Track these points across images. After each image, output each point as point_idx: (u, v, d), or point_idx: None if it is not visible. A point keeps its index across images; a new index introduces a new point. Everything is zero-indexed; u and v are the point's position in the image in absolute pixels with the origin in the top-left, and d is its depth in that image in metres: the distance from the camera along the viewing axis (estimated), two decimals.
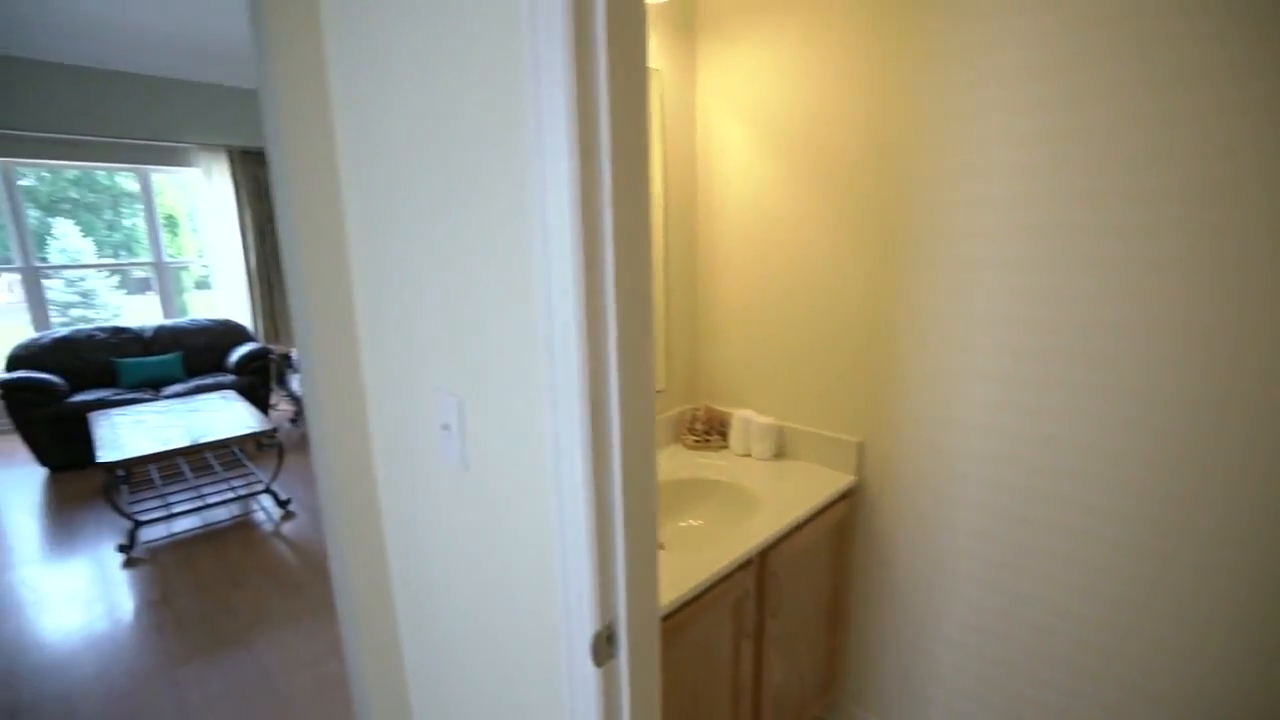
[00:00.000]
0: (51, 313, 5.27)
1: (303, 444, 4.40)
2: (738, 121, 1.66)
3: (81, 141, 5.06)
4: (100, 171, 5.48)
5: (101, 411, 3.67)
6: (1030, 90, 1.18)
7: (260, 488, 3.38)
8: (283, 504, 3.34)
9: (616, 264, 0.66)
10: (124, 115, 5.23)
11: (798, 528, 1.39)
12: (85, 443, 3.75)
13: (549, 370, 0.71)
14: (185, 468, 3.68)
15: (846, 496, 1.57)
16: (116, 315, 5.95)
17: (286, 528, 3.20)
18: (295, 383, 4.41)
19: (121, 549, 2.91)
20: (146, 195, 5.51)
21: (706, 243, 1.80)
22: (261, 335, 5.85)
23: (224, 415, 3.50)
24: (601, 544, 0.73)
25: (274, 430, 3.25)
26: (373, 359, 1.13)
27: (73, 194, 5.93)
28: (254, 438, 3.18)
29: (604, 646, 0.76)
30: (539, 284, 0.70)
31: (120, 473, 2.83)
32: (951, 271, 1.35)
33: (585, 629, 0.76)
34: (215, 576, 2.76)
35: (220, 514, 3.33)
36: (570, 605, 0.77)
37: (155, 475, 3.61)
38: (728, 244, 1.76)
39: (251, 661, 2.19)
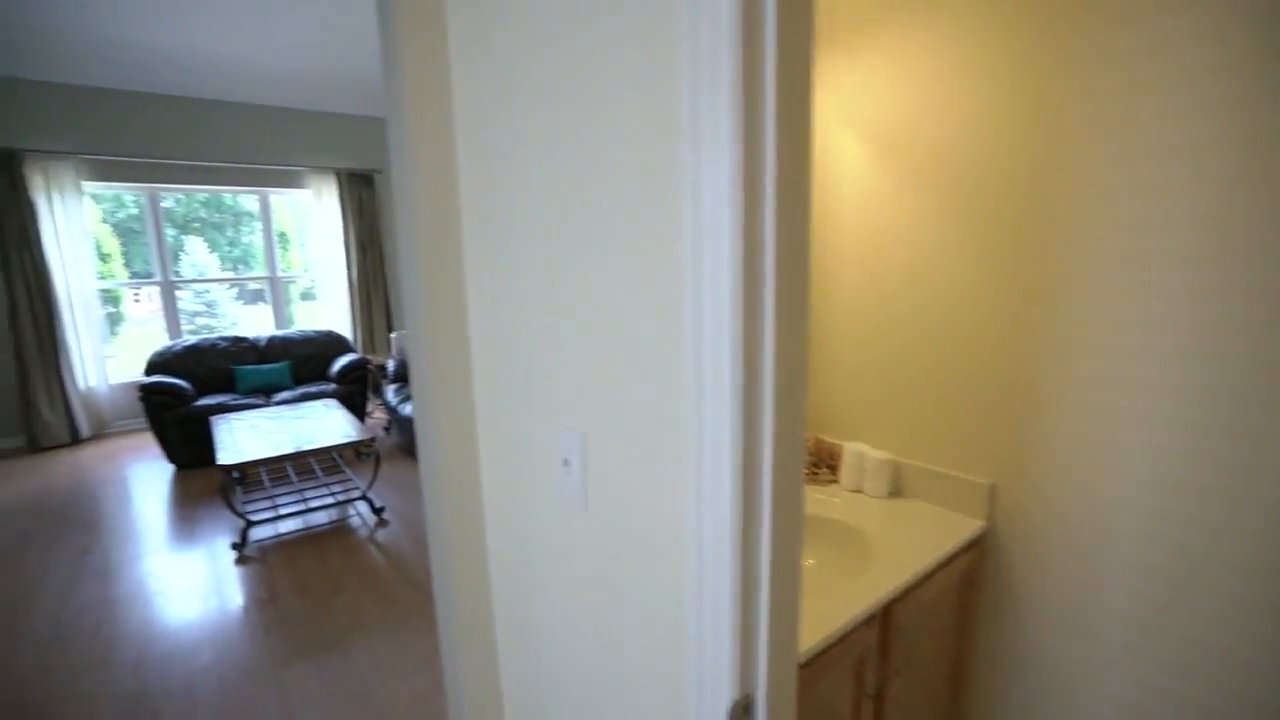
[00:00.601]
0: (180, 320, 5.78)
1: (396, 452, 4.58)
2: (854, 136, 1.57)
3: (212, 167, 5.54)
4: (226, 194, 5.97)
5: (221, 415, 3.96)
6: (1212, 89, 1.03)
7: (357, 494, 3.53)
8: (377, 511, 3.46)
9: (777, 300, 0.60)
10: (248, 143, 5.69)
11: (926, 578, 1.26)
12: (207, 443, 4.05)
13: (695, 409, 0.66)
14: (291, 471, 3.89)
15: (974, 545, 1.43)
16: (234, 324, 6.46)
17: (380, 535, 3.31)
18: (390, 392, 4.61)
19: (234, 547, 3.10)
20: (265, 215, 5.96)
21: (817, 264, 1.71)
22: (360, 346, 6.17)
23: (326, 423, 3.68)
24: (746, 603, 0.66)
25: (372, 439, 3.38)
26: (486, 387, 1.12)
27: (202, 214, 6.49)
28: (354, 446, 3.32)
29: (740, 718, 0.69)
30: (688, 318, 0.65)
31: (235, 475, 3.01)
32: (1111, 330, 1.21)
33: (721, 698, 0.69)
34: (316, 579, 2.88)
35: (320, 517, 3.50)
36: (704, 670, 0.70)
37: (265, 477, 3.84)
38: (840, 266, 1.66)
39: (349, 668, 2.25)
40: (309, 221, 6.09)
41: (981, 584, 1.49)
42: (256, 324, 6.22)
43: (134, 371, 5.16)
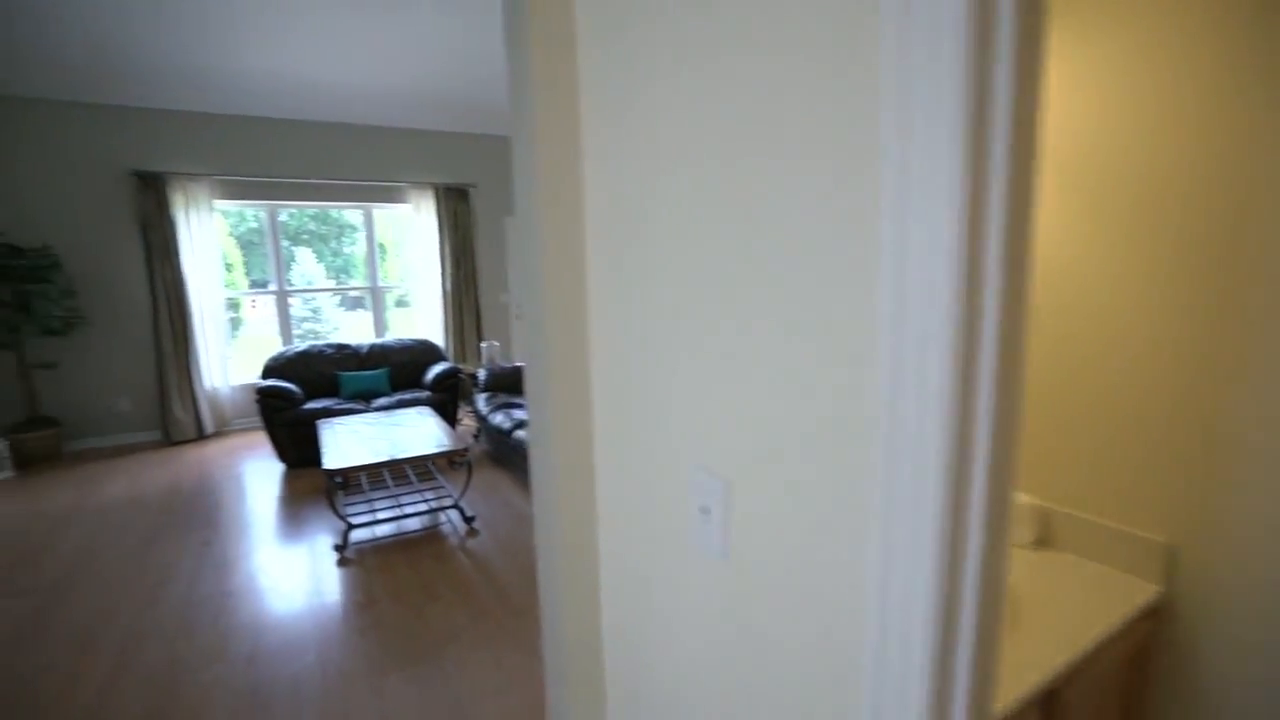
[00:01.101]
0: (291, 325, 6.17)
1: (484, 460, 4.67)
2: None
3: (324, 184, 5.91)
4: (334, 209, 6.36)
5: (326, 420, 4.17)
6: None
7: (450, 503, 3.60)
8: (468, 520, 3.52)
9: (1001, 332, 0.49)
10: (356, 161, 6.03)
11: (1094, 652, 1.09)
12: (313, 445, 4.27)
13: (886, 458, 0.56)
14: (388, 476, 4.04)
15: (1149, 615, 1.23)
16: (335, 329, 6.86)
17: (471, 544, 3.35)
18: (480, 401, 4.71)
19: (336, 548, 3.23)
20: (368, 228, 6.29)
21: None
22: (451, 354, 6.39)
23: (421, 430, 3.80)
24: (941, 690, 0.56)
25: (465, 449, 3.45)
26: (608, 422, 1.06)
27: (311, 226, 6.95)
28: (448, 455, 3.39)
29: None
30: (884, 354, 0.55)
31: (338, 479, 3.14)
32: None
33: None
34: (410, 586, 2.94)
35: (413, 523, 3.59)
36: None
37: (364, 481, 4.00)
38: None
39: (443, 681, 2.27)
40: (407, 233, 6.39)
41: (1157, 664, 1.28)
42: (355, 329, 6.58)
43: (250, 374, 5.54)
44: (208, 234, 5.46)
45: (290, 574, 3.08)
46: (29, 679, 2.33)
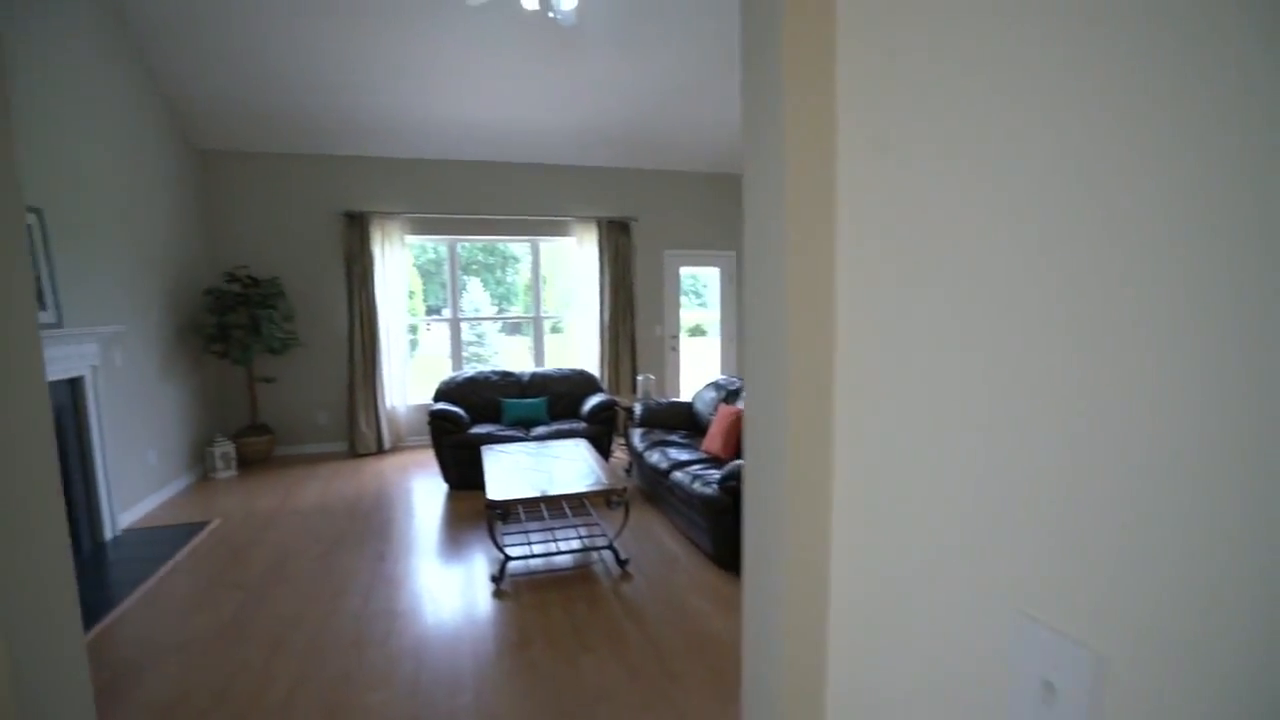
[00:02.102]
0: (456, 348, 6.58)
1: (635, 496, 4.55)
2: None
3: (497, 220, 6.29)
4: (504, 242, 6.74)
5: (489, 446, 4.29)
6: None
7: (603, 542, 3.49)
8: (622, 563, 3.38)
9: None
10: (525, 197, 6.35)
11: None
12: (475, 468, 4.40)
13: None
14: (544, 508, 4.04)
15: None
16: (496, 353, 7.23)
17: (625, 589, 3.20)
18: (636, 437, 4.62)
19: (493, 579, 3.23)
20: (534, 261, 6.59)
21: None
22: (605, 383, 6.43)
23: (579, 465, 3.75)
24: None
25: (624, 489, 3.33)
26: (852, 517, 0.80)
27: (480, 258, 7.42)
28: (606, 494, 3.29)
29: None
30: None
31: (499, 510, 3.14)
32: None
33: None
34: (563, 631, 2.83)
35: (565, 558, 3.53)
36: None
37: (521, 511, 4.03)
38: None
39: None
40: (567, 265, 6.59)
41: None
42: (514, 352, 6.88)
43: (423, 394, 5.95)
44: (397, 266, 6.00)
45: (451, 600, 3.12)
46: (230, 674, 2.52)
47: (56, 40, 3.65)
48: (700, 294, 7.74)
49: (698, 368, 7.27)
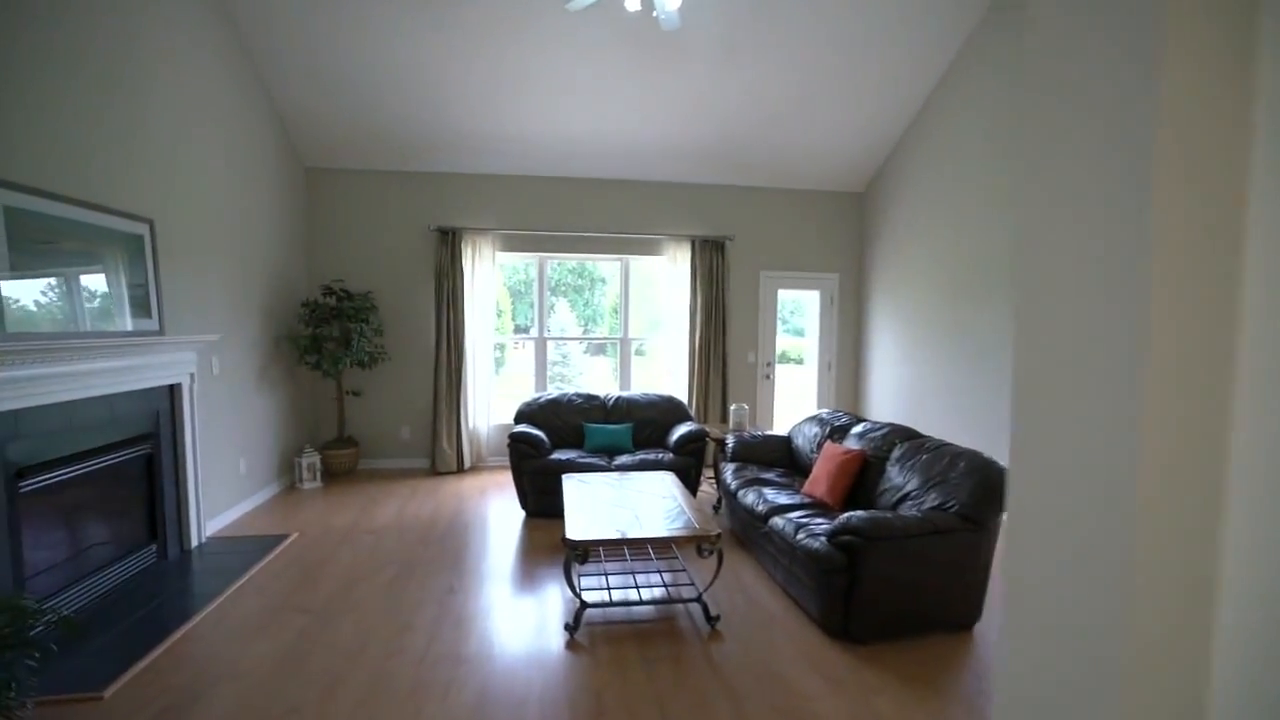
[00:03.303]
0: (541, 367, 6.40)
1: (727, 538, 4.10)
2: None
3: (588, 237, 6.10)
4: (594, 261, 6.54)
5: (569, 474, 3.99)
6: None
7: (691, 594, 3.08)
8: (711, 620, 2.95)
9: None
10: (616, 214, 6.13)
11: None
12: (554, 495, 4.12)
13: None
14: (625, 548, 3.67)
15: None
16: (580, 373, 7.00)
17: (714, 650, 2.76)
18: (729, 473, 4.18)
19: (567, 628, 2.88)
20: (624, 280, 6.34)
21: None
22: (694, 410, 6.03)
23: (666, 503, 3.37)
24: None
25: (718, 535, 2.91)
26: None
27: (569, 279, 7.26)
28: (697, 540, 2.88)
29: None
30: None
31: (578, 551, 2.80)
32: None
33: None
34: (644, 698, 2.43)
35: (646, 608, 3.13)
36: None
37: (601, 550, 3.68)
38: None
39: None
40: (657, 286, 6.29)
41: None
42: (597, 372, 6.62)
43: (506, 414, 5.77)
44: (486, 283, 5.92)
45: (521, 646, 2.80)
46: (279, 718, 2.29)
47: (178, 53, 3.78)
48: (787, 320, 7.21)
49: (792, 398, 6.72)
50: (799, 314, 7.01)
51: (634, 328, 6.45)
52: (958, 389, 5.00)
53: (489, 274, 5.93)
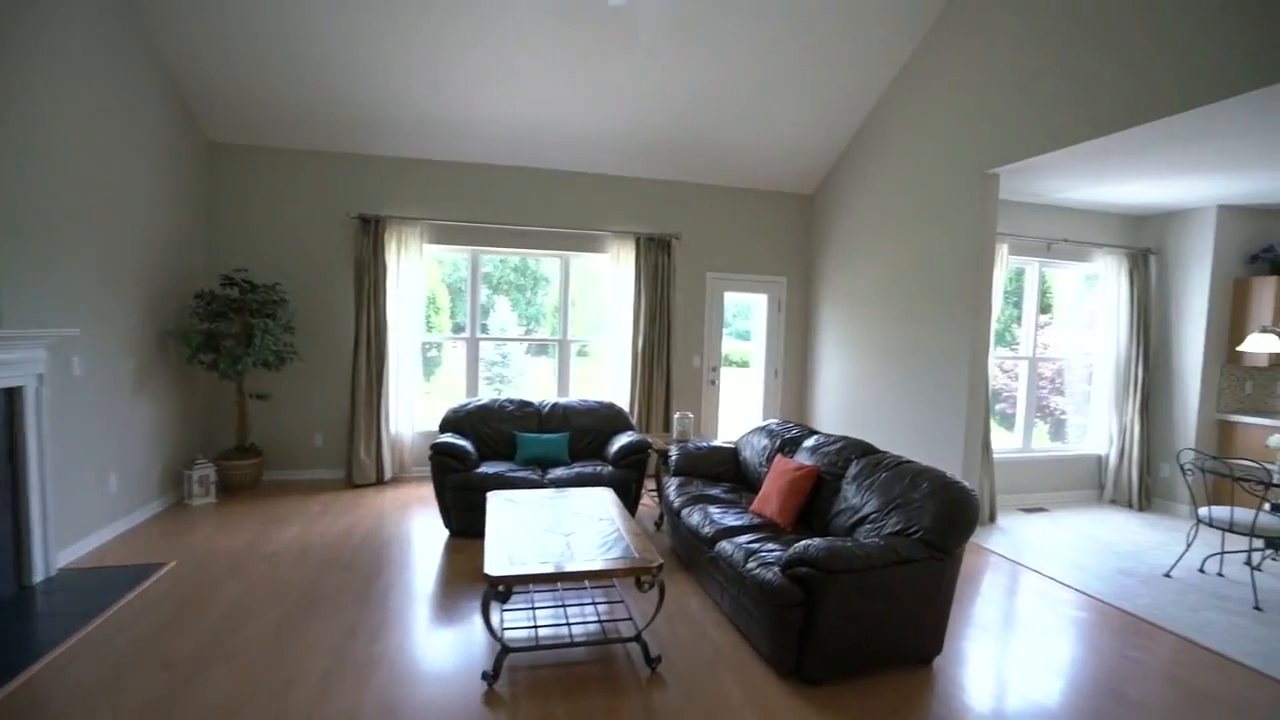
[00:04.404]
0: (480, 368, 5.96)
1: (669, 559, 3.78)
2: None
3: (525, 232, 5.68)
4: (531, 259, 6.12)
5: (496, 492, 3.58)
6: None
7: (631, 633, 2.73)
8: (651, 661, 2.61)
9: None
10: (558, 208, 5.74)
11: None
12: (480, 514, 3.71)
13: None
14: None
15: None
16: (521, 373, 6.57)
17: (655, 699, 2.43)
18: (672, 489, 3.86)
19: (485, 677, 2.48)
20: (564, 278, 5.95)
21: None
22: (636, 418, 5.71)
23: (604, 526, 3.02)
24: None
25: (659, 566, 2.58)
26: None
27: (512, 278, 6.81)
28: (636, 572, 2.54)
29: None
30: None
31: (499, 590, 2.41)
32: None
33: None
34: None
35: (580, 650, 2.77)
36: None
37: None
38: None
39: None
40: (599, 285, 5.94)
41: None
42: (540, 376, 6.20)
43: (435, 419, 5.26)
44: (413, 277, 5.41)
45: (430, 702, 2.37)
46: None
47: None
48: (730, 323, 6.99)
49: (738, 404, 6.49)
50: (743, 317, 6.79)
51: (577, 329, 6.07)
52: (906, 399, 4.86)
53: (416, 268, 5.43)
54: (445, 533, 4.19)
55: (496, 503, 3.34)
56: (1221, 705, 2.54)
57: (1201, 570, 3.97)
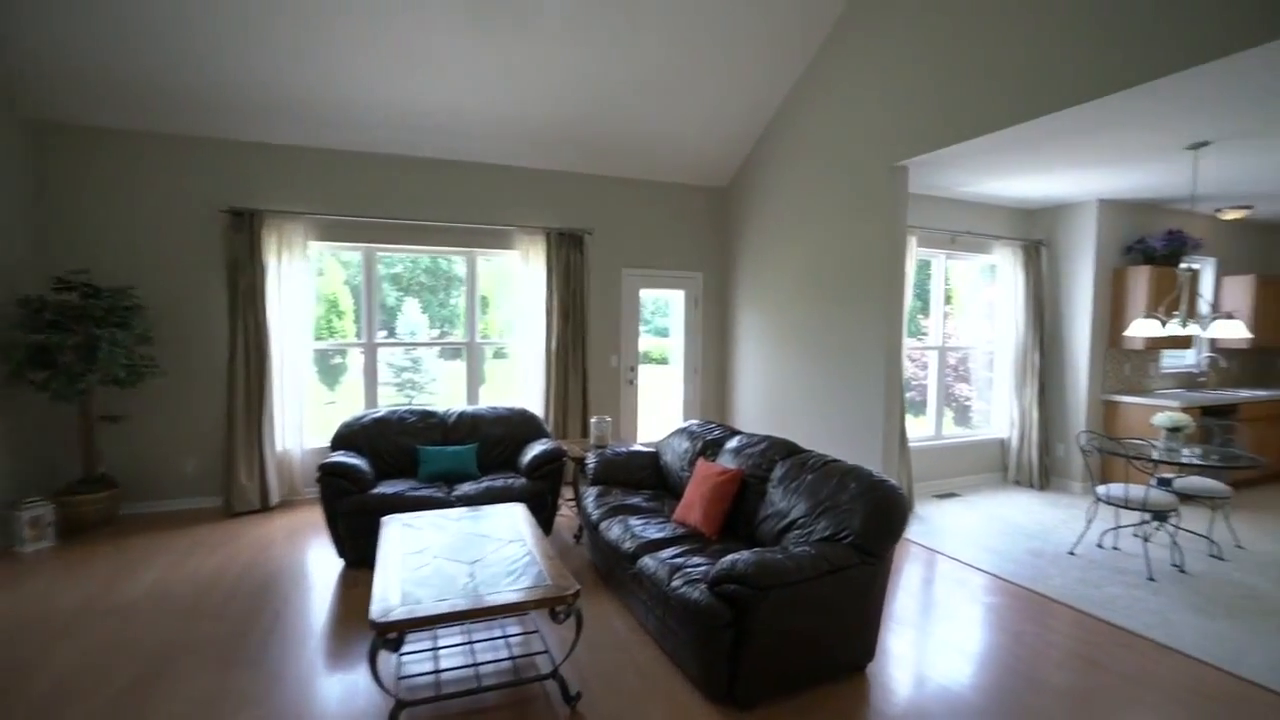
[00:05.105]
0: (389, 374, 5.48)
1: (586, 574, 3.52)
2: None
3: (426, 227, 5.24)
4: (442, 258, 5.68)
5: (394, 516, 3.19)
6: None
7: (548, 669, 2.46)
8: (570, 699, 2.36)
9: None
10: (461, 202, 5.35)
11: None
12: (377, 539, 3.31)
13: None
14: None
15: None
16: (434, 379, 6.11)
17: None
18: (590, 499, 3.61)
19: None
20: (470, 277, 5.55)
21: None
22: (551, 424, 5.41)
23: (514, 549, 2.72)
24: None
25: (576, 593, 2.31)
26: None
27: (423, 278, 6.33)
28: (550, 603, 2.27)
29: None
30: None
31: (388, 637, 2.08)
32: None
33: None
34: None
35: (489, 679, 2.47)
36: None
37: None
38: None
39: None
40: (512, 285, 5.59)
41: None
42: (456, 381, 5.77)
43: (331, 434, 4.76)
44: (298, 278, 4.86)
45: None
46: None
47: None
48: (650, 320, 6.83)
49: (657, 404, 6.32)
50: (661, 313, 6.63)
51: (493, 330, 5.69)
52: (827, 392, 4.84)
53: (301, 268, 4.87)
54: (340, 563, 3.74)
55: (391, 530, 2.97)
56: (1132, 683, 2.58)
57: (1100, 546, 4.15)
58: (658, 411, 6.29)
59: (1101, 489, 4.01)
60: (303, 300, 4.89)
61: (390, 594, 2.27)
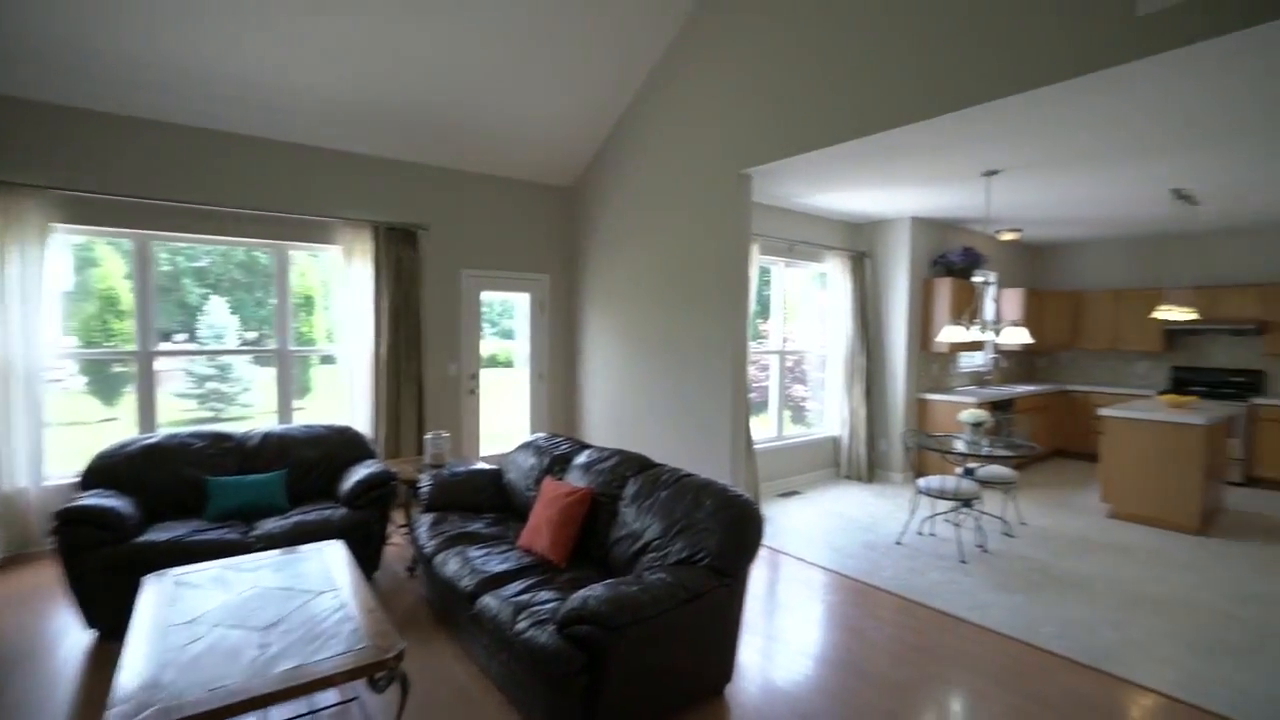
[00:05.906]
0: (189, 385, 4.62)
1: (421, 613, 3.10)
2: None
3: (221, 213, 4.41)
4: (259, 252, 4.81)
5: (164, 573, 2.54)
6: None
7: None
8: None
9: None
10: (271, 187, 4.59)
11: None
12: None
13: None
14: None
15: None
16: (247, 389, 5.18)
17: None
18: (423, 528, 3.19)
19: None
20: (281, 274, 4.78)
21: None
22: (382, 442, 4.82)
23: (326, 602, 2.26)
24: None
25: (398, 656, 1.93)
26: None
27: (236, 274, 5.36)
28: (366, 672, 1.87)
29: None
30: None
31: None
32: None
33: None
34: None
35: None
36: None
37: None
38: None
39: None
40: (336, 284, 4.91)
41: None
42: (271, 391, 4.92)
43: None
44: (34, 271, 3.82)
45: None
46: None
47: None
48: (496, 322, 6.43)
49: (501, 413, 5.91)
50: (507, 316, 6.25)
51: (316, 334, 4.93)
52: (675, 398, 4.80)
53: (39, 257, 3.84)
54: (88, 635, 2.94)
55: (152, 594, 2.34)
56: (957, 666, 2.76)
57: (920, 534, 4.52)
58: (503, 422, 5.89)
59: (921, 481, 4.36)
60: (40, 299, 3.86)
61: (140, 686, 1.73)
